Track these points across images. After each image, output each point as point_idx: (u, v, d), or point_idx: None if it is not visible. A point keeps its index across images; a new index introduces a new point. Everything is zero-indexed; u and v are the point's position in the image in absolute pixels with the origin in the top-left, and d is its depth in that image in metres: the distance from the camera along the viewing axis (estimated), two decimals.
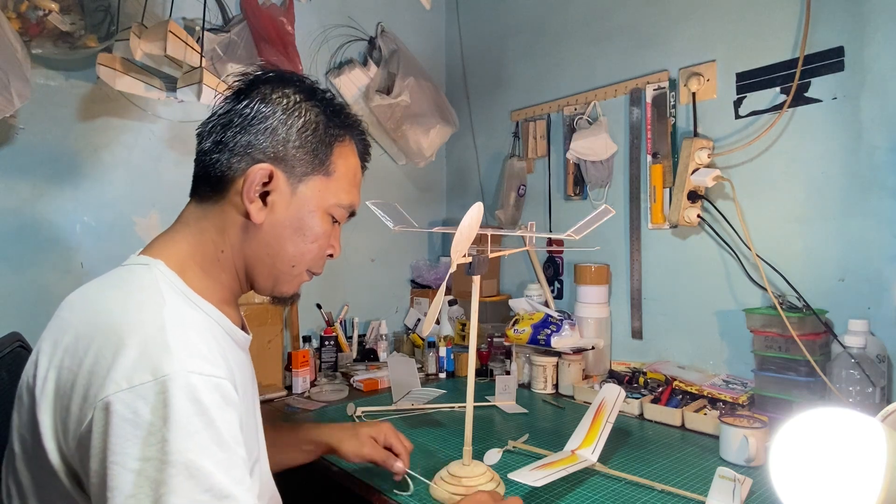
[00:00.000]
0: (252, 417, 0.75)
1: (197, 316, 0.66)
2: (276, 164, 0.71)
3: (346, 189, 0.78)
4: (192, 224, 0.73)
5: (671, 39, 1.48)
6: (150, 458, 0.52)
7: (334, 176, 0.76)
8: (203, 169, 0.73)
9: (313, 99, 0.75)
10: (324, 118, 0.75)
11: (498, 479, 0.96)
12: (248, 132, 0.71)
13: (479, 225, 0.87)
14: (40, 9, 1.20)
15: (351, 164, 0.79)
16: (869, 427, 0.72)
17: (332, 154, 0.75)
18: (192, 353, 0.57)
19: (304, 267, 0.77)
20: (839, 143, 1.21)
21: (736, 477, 0.94)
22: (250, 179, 0.70)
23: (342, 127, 0.77)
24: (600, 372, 1.56)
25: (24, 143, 1.30)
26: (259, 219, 0.71)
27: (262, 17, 1.57)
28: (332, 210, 0.77)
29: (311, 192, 0.74)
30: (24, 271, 1.30)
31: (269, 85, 0.74)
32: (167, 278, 0.66)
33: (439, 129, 1.86)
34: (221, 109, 0.73)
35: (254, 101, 0.72)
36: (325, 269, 1.67)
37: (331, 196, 0.76)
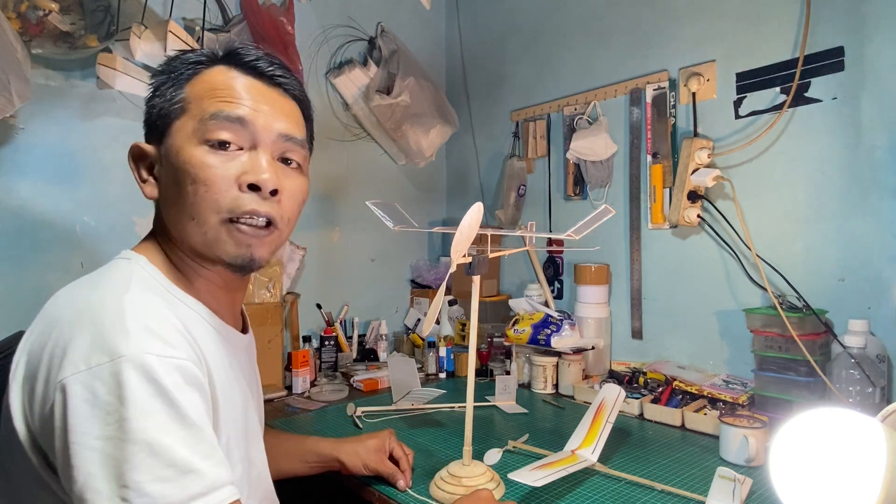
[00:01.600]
0: (237, 413, 0.71)
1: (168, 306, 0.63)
2: (148, 137, 0.70)
3: (207, 106, 0.65)
4: (155, 223, 0.73)
5: (671, 39, 1.48)
6: (110, 436, 0.53)
7: (190, 106, 0.66)
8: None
9: (179, 60, 0.70)
10: (182, 67, 0.68)
11: (498, 480, 0.96)
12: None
13: (479, 225, 0.87)
14: (40, 9, 1.20)
15: (209, 82, 0.67)
16: (869, 427, 0.72)
17: (181, 91, 0.67)
18: (151, 335, 0.57)
19: (211, 215, 0.64)
20: (839, 143, 1.21)
21: (736, 477, 0.94)
22: (131, 165, 0.70)
23: (201, 63, 0.69)
24: (600, 372, 1.56)
25: (24, 143, 1.30)
26: (151, 194, 0.69)
27: (262, 17, 1.57)
28: (201, 135, 0.64)
29: (172, 138, 0.66)
30: (24, 271, 1.30)
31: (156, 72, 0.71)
32: (147, 272, 0.66)
33: (439, 129, 1.86)
34: None
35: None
36: (325, 269, 1.67)
37: (191, 124, 0.65)
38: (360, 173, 1.93)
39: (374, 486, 0.98)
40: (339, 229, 1.88)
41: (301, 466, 0.99)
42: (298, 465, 0.99)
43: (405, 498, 0.94)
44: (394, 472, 0.97)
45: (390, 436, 1.02)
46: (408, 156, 1.93)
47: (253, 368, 0.82)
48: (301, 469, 0.99)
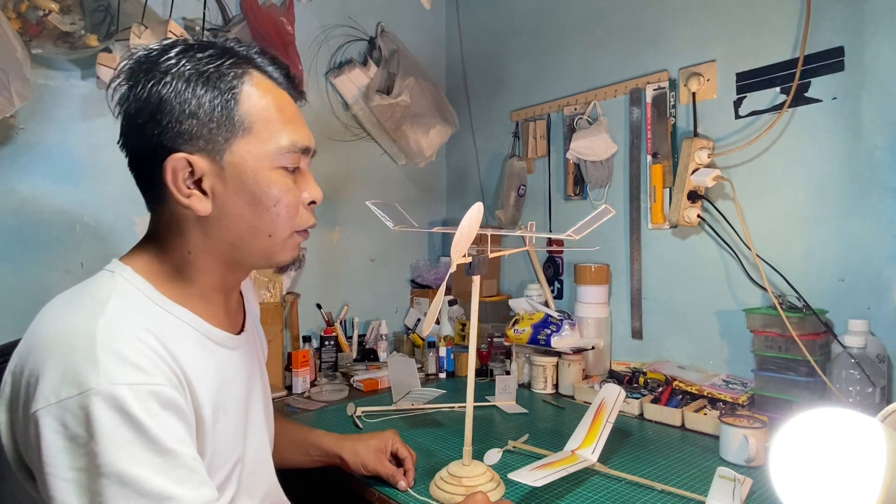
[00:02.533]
0: (236, 416, 0.73)
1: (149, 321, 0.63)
2: (186, 147, 0.65)
3: (277, 132, 0.68)
4: (154, 233, 0.71)
5: (671, 39, 1.48)
6: (82, 468, 0.54)
7: (255, 127, 0.67)
8: (139, 183, 0.70)
9: (187, 56, 0.66)
10: (211, 70, 0.65)
11: (498, 480, 0.96)
12: (144, 129, 0.64)
13: (480, 225, 0.87)
14: (40, 9, 1.20)
15: (267, 102, 0.68)
16: (869, 427, 0.72)
17: (237, 105, 0.66)
18: (123, 363, 0.56)
19: (286, 231, 0.71)
20: (839, 143, 1.21)
21: (736, 477, 0.94)
22: (170, 177, 0.64)
23: (235, 66, 0.67)
24: (600, 372, 1.56)
25: (24, 143, 1.30)
26: (205, 210, 0.66)
27: (262, 17, 1.57)
28: (277, 161, 0.68)
29: (240, 158, 0.66)
30: (24, 271, 1.30)
31: (140, 70, 0.66)
32: (132, 283, 0.65)
33: (439, 129, 1.86)
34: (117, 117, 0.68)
35: (133, 94, 0.65)
36: (326, 270, 1.67)
37: (265, 149, 0.67)
38: (360, 173, 1.93)
39: (374, 487, 0.98)
40: (339, 229, 1.88)
41: (303, 458, 1.00)
42: (301, 456, 1.00)
43: (405, 498, 0.94)
44: (393, 473, 0.97)
45: (393, 436, 1.02)
46: (408, 156, 1.93)
47: (253, 365, 0.80)
48: (303, 461, 1.01)
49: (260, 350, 0.87)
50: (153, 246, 0.70)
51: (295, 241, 0.73)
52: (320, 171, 1.82)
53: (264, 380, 0.86)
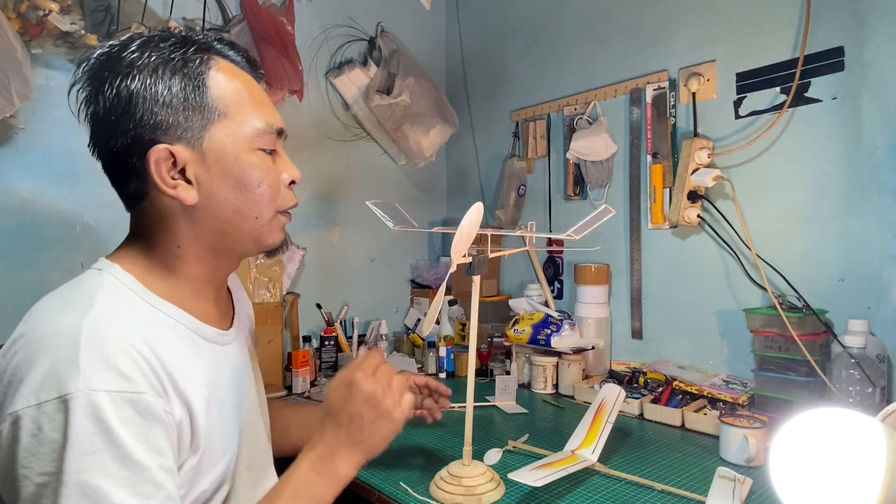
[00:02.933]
0: (230, 412, 0.73)
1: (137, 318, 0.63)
2: (165, 138, 0.65)
3: (251, 114, 0.69)
4: (139, 231, 0.70)
5: (671, 39, 1.48)
6: (51, 473, 0.53)
7: (229, 111, 0.68)
8: (116, 183, 0.69)
9: (149, 48, 0.66)
10: (177, 57, 0.66)
11: (498, 480, 0.96)
12: (118, 127, 0.64)
13: (479, 225, 0.87)
14: (40, 9, 1.20)
15: (235, 85, 0.69)
16: (869, 427, 0.72)
17: (207, 90, 0.67)
18: (105, 368, 0.56)
19: (270, 212, 0.72)
20: (839, 143, 1.21)
21: (736, 477, 0.94)
22: (153, 169, 0.64)
23: (198, 52, 0.68)
24: (600, 372, 1.56)
25: (24, 143, 1.30)
26: (192, 198, 0.67)
27: (262, 17, 1.57)
28: (255, 144, 0.69)
29: (219, 143, 0.67)
30: (24, 271, 1.30)
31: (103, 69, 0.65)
32: (120, 280, 0.65)
33: (439, 129, 1.86)
34: (85, 120, 0.67)
35: (102, 94, 0.64)
36: (325, 269, 1.67)
37: (241, 132, 0.68)
38: (360, 173, 1.93)
39: (374, 487, 0.98)
40: (339, 229, 1.88)
41: None
42: None
43: (405, 498, 0.94)
44: (421, 400, 1.03)
45: (406, 374, 1.01)
46: (408, 156, 1.93)
47: (244, 361, 0.80)
48: None
49: (251, 345, 0.86)
50: (140, 243, 0.70)
51: (280, 221, 0.74)
52: (321, 170, 1.83)
53: (257, 375, 0.86)
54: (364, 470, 1.03)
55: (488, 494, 0.92)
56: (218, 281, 0.76)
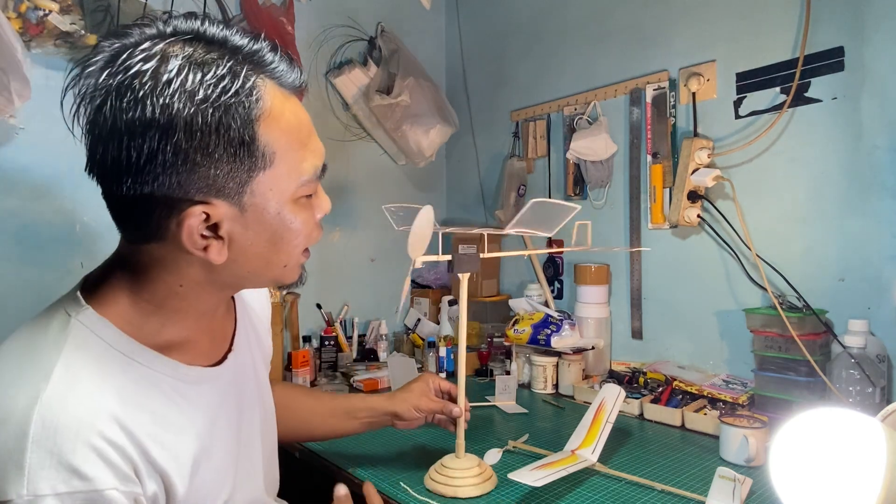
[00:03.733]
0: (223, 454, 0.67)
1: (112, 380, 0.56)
2: (201, 194, 0.54)
3: (299, 159, 0.60)
4: (132, 264, 0.61)
5: (671, 39, 1.48)
6: None
7: (276, 159, 0.57)
8: (118, 216, 0.59)
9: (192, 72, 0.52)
10: (226, 98, 0.53)
11: (490, 473, 0.98)
12: (141, 170, 0.52)
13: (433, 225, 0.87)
14: (40, 9, 1.20)
15: (285, 123, 0.58)
16: (869, 427, 0.72)
17: (258, 136, 0.55)
18: (56, 466, 0.49)
19: (298, 255, 0.65)
20: (839, 143, 1.21)
21: (736, 477, 0.94)
22: (185, 234, 0.55)
23: (247, 79, 0.55)
24: (600, 372, 1.56)
25: (24, 143, 1.30)
26: (222, 258, 0.58)
27: (262, 17, 1.57)
28: (300, 193, 0.61)
29: (262, 198, 0.58)
30: (24, 271, 1.30)
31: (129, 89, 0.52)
32: (93, 331, 0.57)
33: (439, 129, 1.86)
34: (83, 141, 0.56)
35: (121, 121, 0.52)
36: (326, 270, 1.66)
37: (285, 185, 0.59)
38: (360, 173, 1.93)
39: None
40: (339, 229, 1.88)
41: (351, 424, 1.01)
42: (349, 422, 1.01)
43: (405, 497, 0.94)
44: (444, 405, 0.99)
45: (432, 376, 1.04)
46: (408, 156, 1.93)
47: (245, 385, 0.74)
48: (351, 426, 1.01)
49: (259, 360, 0.80)
50: (126, 276, 0.61)
51: (301, 260, 0.66)
52: None
53: (262, 393, 0.80)
54: (364, 470, 1.03)
55: (469, 488, 0.94)
56: (215, 307, 0.69)
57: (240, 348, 0.74)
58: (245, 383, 0.75)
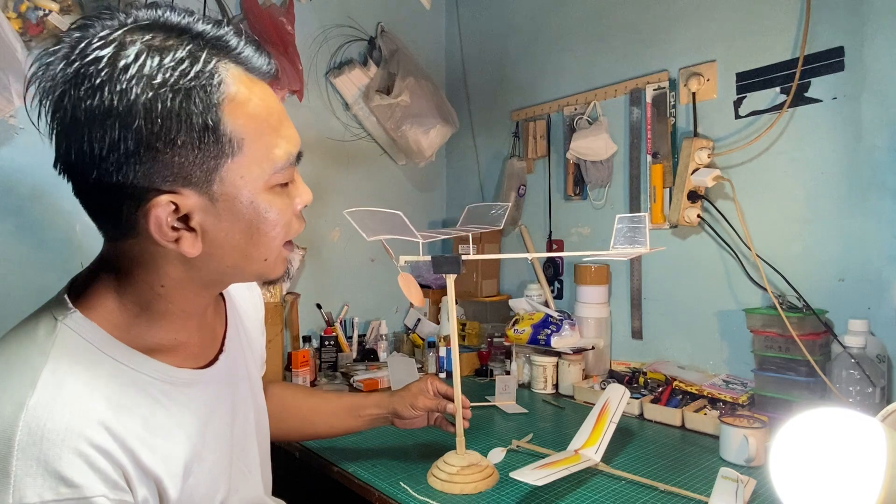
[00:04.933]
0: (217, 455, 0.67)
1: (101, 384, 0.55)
2: (167, 184, 0.53)
3: (270, 145, 0.58)
4: (114, 264, 0.60)
5: (671, 39, 1.48)
6: None
7: (245, 145, 0.56)
8: (92, 213, 0.58)
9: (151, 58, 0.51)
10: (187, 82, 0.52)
11: (492, 470, 0.98)
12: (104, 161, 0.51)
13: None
14: (40, 9, 1.20)
15: (253, 108, 0.56)
16: (869, 427, 0.72)
17: (223, 122, 0.54)
18: (42, 473, 0.48)
19: (279, 247, 0.63)
20: (839, 143, 1.21)
21: (739, 477, 0.94)
22: (152, 224, 0.54)
23: (209, 63, 0.53)
24: (600, 372, 1.56)
25: (24, 143, 1.30)
26: (195, 251, 0.57)
27: (262, 17, 1.57)
28: (274, 181, 0.59)
29: (232, 186, 0.56)
30: (24, 271, 1.30)
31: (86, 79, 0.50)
32: (80, 334, 0.56)
33: (439, 129, 1.86)
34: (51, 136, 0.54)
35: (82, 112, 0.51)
36: (326, 269, 1.65)
37: (256, 172, 0.57)
38: (360, 173, 1.93)
39: (374, 487, 0.98)
40: (339, 229, 1.88)
41: (354, 422, 1.03)
42: (352, 420, 1.03)
43: (405, 498, 0.94)
44: (440, 402, 1.01)
45: (431, 378, 1.05)
46: (408, 156, 1.93)
47: (237, 386, 0.74)
48: (353, 424, 1.03)
49: (251, 361, 0.80)
50: (110, 278, 0.60)
51: (284, 254, 0.65)
52: (320, 171, 1.83)
53: (255, 394, 0.79)
54: (364, 470, 1.04)
55: (470, 485, 0.95)
56: (204, 308, 0.67)
57: (231, 349, 0.73)
58: (237, 384, 0.74)
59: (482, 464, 0.99)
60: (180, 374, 0.63)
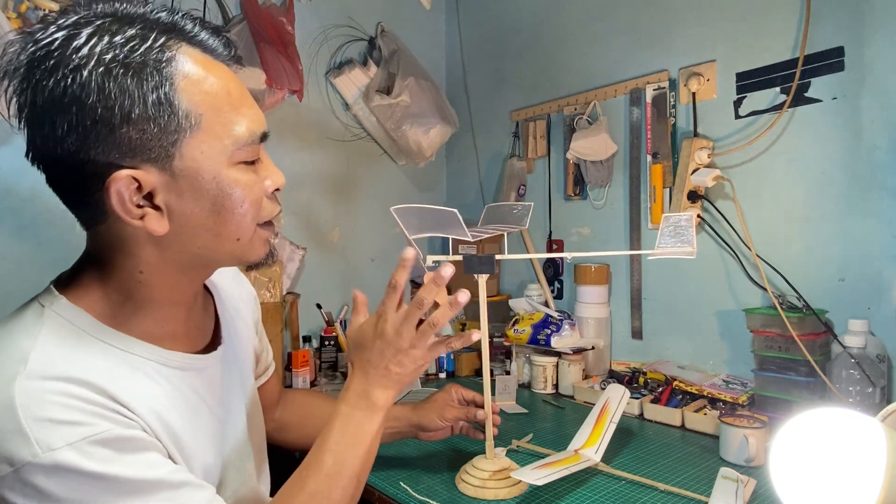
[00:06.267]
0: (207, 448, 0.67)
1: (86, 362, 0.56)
2: (127, 160, 0.54)
3: (230, 121, 0.58)
4: (94, 252, 0.62)
5: (671, 39, 1.48)
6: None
7: (204, 121, 0.56)
8: (66, 201, 0.60)
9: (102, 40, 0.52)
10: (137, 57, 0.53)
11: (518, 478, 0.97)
12: (62, 143, 0.53)
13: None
14: (40, 9, 1.20)
15: (210, 85, 0.57)
16: (869, 427, 0.72)
17: (177, 97, 0.55)
18: (55, 424, 0.50)
19: (252, 228, 0.63)
20: (839, 143, 1.21)
21: (739, 478, 0.94)
22: (115, 200, 0.54)
23: (164, 45, 0.55)
24: (600, 372, 1.56)
25: (23, 143, 1.29)
26: (162, 229, 0.57)
27: (262, 17, 1.57)
28: (236, 157, 0.59)
29: (193, 161, 0.56)
30: (24, 271, 1.30)
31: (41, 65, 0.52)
32: (66, 318, 0.58)
33: (439, 129, 1.86)
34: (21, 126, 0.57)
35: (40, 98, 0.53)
36: (326, 269, 1.64)
37: (220, 146, 0.58)
38: (360, 173, 1.93)
39: (374, 487, 0.98)
40: (339, 229, 1.88)
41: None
42: None
43: (405, 497, 0.94)
44: (468, 410, 1.01)
45: (455, 387, 1.05)
46: (408, 156, 1.93)
47: (231, 381, 0.74)
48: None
49: (243, 359, 0.80)
50: (94, 268, 0.61)
51: (262, 235, 0.65)
52: (320, 171, 1.83)
53: (246, 392, 0.79)
54: None
55: (512, 489, 0.94)
56: (189, 298, 0.67)
57: (226, 344, 0.74)
58: (232, 377, 0.75)
59: (512, 468, 0.97)
60: (173, 356, 0.64)
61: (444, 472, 1.03)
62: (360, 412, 0.71)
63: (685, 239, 0.89)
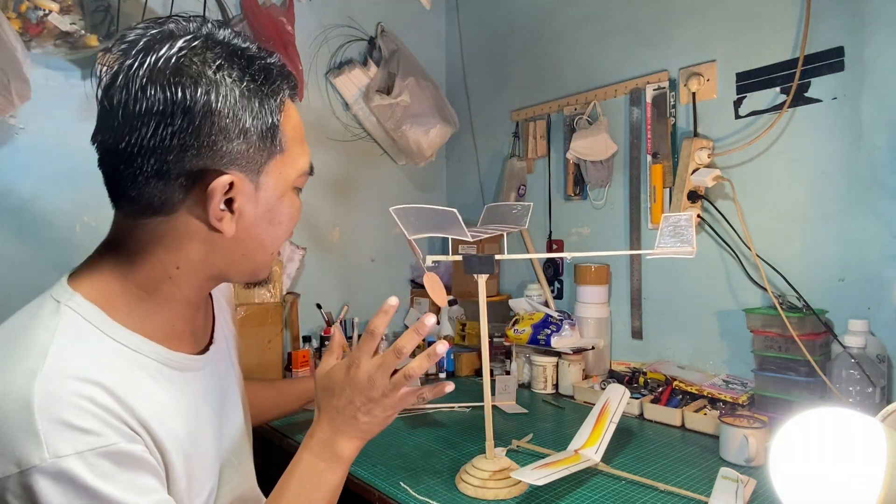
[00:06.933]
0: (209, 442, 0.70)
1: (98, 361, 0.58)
2: (228, 166, 0.60)
3: (300, 153, 0.68)
4: (129, 243, 0.63)
5: (671, 39, 1.48)
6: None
7: (286, 148, 0.66)
8: (126, 190, 0.61)
9: (237, 65, 0.61)
10: (266, 88, 0.63)
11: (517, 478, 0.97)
12: (173, 138, 0.57)
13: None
14: (40, 9, 1.20)
15: (294, 122, 0.67)
16: (869, 427, 0.72)
17: (279, 124, 0.64)
18: (68, 429, 0.52)
19: (279, 248, 0.71)
20: (839, 143, 1.21)
21: (739, 478, 0.94)
22: (213, 197, 0.60)
23: (278, 86, 0.64)
24: (600, 372, 1.56)
25: (24, 143, 1.30)
26: (231, 231, 0.63)
27: (262, 17, 1.57)
28: (296, 183, 0.69)
29: (273, 178, 0.65)
30: (24, 271, 1.30)
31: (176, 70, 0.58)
32: (82, 315, 0.59)
33: (439, 129, 1.86)
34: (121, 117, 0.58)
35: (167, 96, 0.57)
36: (326, 269, 1.66)
37: (290, 171, 0.67)
38: (360, 173, 1.93)
39: (374, 487, 0.98)
40: (339, 229, 1.88)
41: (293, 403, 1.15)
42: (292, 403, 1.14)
43: (405, 498, 0.94)
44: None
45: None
46: (408, 156, 1.93)
47: (226, 378, 0.77)
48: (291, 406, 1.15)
49: (234, 357, 0.84)
50: (119, 260, 0.63)
51: (275, 257, 0.72)
52: (320, 171, 1.82)
53: (240, 387, 0.83)
54: (364, 470, 1.03)
55: (513, 488, 0.93)
56: (202, 300, 0.72)
57: (219, 341, 0.78)
58: (226, 375, 0.78)
59: (512, 468, 0.97)
60: (176, 357, 0.66)
61: (444, 472, 1.03)
62: (322, 463, 0.71)
63: (685, 239, 0.89)
